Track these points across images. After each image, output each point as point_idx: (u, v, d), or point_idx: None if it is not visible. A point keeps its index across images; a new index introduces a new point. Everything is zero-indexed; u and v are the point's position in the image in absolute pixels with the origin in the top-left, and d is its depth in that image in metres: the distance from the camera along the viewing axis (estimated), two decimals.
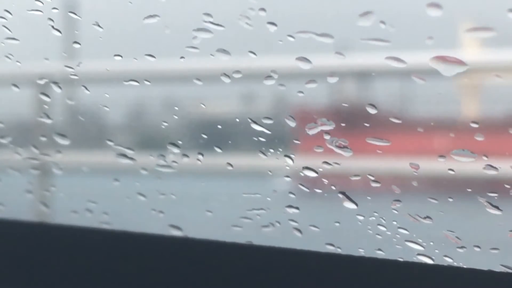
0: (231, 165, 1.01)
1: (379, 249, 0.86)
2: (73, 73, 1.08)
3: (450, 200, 0.89)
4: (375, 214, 0.89)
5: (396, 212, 0.87)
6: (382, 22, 0.81)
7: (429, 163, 0.87)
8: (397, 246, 0.86)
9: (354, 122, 0.96)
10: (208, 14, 0.93)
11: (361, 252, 0.84)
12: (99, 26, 1.02)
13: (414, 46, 0.89)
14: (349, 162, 0.89)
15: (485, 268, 0.77)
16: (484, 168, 0.82)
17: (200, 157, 1.00)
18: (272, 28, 0.89)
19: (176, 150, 1.02)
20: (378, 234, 0.89)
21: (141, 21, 0.98)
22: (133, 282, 0.95)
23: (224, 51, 0.93)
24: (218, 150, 1.00)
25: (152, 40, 1.02)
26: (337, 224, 0.92)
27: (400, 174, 0.92)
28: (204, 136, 1.06)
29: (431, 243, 0.85)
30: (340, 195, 0.88)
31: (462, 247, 0.84)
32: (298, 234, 0.92)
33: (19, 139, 1.27)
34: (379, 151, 0.88)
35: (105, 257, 0.97)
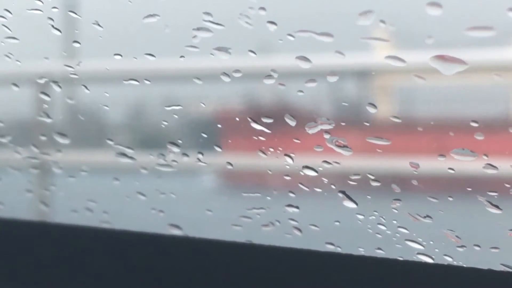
0: (231, 164, 1.01)
1: (379, 248, 0.86)
2: (73, 72, 1.08)
3: (450, 199, 0.89)
4: (375, 213, 0.89)
5: (396, 211, 0.87)
6: (382, 21, 0.81)
7: (429, 162, 0.87)
8: (397, 245, 0.86)
9: (354, 121, 0.96)
10: (208, 13, 0.93)
11: (361, 251, 0.85)
12: (99, 25, 1.02)
13: (414, 45, 0.89)
14: (349, 161, 0.89)
15: (485, 267, 0.77)
16: (484, 167, 0.82)
17: (200, 156, 1.00)
18: (272, 27, 0.89)
19: (176, 149, 1.02)
20: (378, 233, 0.89)
21: (141, 20, 0.98)
22: (133, 281, 0.95)
23: (224, 50, 0.93)
24: (218, 149, 1.00)
25: (152, 39, 1.02)
26: (337, 223, 0.92)
27: (400, 173, 0.92)
28: (204, 135, 1.06)
29: (431, 242, 0.85)
30: (340, 194, 0.89)
31: (462, 246, 0.84)
32: (298, 233, 0.92)
33: (19, 138, 1.27)
34: (379, 150, 0.88)
35: (105, 256, 0.97)
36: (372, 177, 0.90)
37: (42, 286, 1.00)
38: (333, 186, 0.91)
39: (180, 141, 1.01)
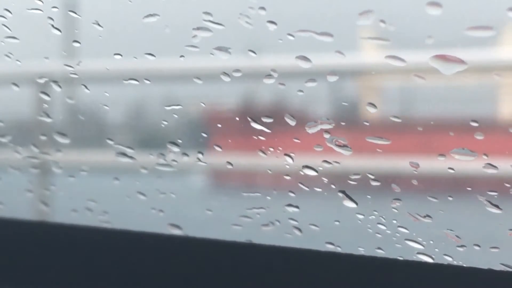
0: (231, 164, 1.01)
1: (379, 248, 0.86)
2: (73, 72, 1.08)
3: (450, 198, 0.89)
4: (375, 213, 0.89)
5: (396, 211, 0.87)
6: (382, 21, 0.81)
7: (429, 162, 0.87)
8: (397, 245, 0.86)
9: (354, 121, 0.96)
10: (208, 13, 0.93)
11: (361, 251, 0.85)
12: (99, 25, 1.02)
13: (414, 45, 0.89)
14: (349, 161, 0.89)
15: (485, 267, 0.77)
16: (484, 167, 0.82)
17: (200, 156, 1.00)
18: (272, 27, 0.89)
19: (176, 149, 1.02)
20: (378, 233, 0.89)
21: (141, 20, 0.98)
22: (133, 281, 0.95)
23: (224, 50, 0.93)
24: (218, 149, 1.00)
25: (152, 39, 1.02)
26: (337, 223, 0.92)
27: (400, 173, 0.92)
28: (204, 135, 1.06)
29: (431, 242, 0.85)
30: (340, 194, 0.89)
31: (462, 246, 0.84)
32: (298, 233, 0.92)
33: (19, 138, 1.27)
34: (379, 150, 0.88)
35: (105, 256, 0.97)
36: (372, 177, 0.90)
37: (42, 286, 1.00)
38: (333, 186, 0.91)
39: (180, 141, 1.01)
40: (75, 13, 1.06)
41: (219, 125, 1.03)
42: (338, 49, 0.86)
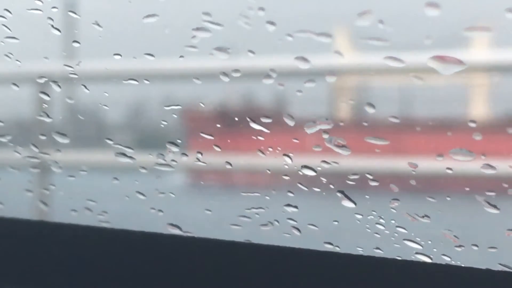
0: (230, 164, 1.01)
1: (378, 248, 0.86)
2: (72, 72, 1.08)
3: (448, 199, 0.89)
4: (374, 213, 0.89)
5: (394, 211, 0.87)
6: (381, 21, 0.81)
7: (427, 162, 0.87)
8: (396, 245, 0.87)
9: (352, 121, 0.96)
10: (207, 14, 0.93)
11: (360, 250, 0.85)
12: (98, 25, 1.02)
13: (412, 45, 0.89)
14: (348, 161, 0.89)
15: (483, 267, 0.77)
16: (482, 167, 0.82)
17: (199, 156, 1.00)
18: (271, 28, 0.89)
19: (175, 149, 1.02)
20: (377, 233, 0.89)
21: (141, 20, 0.98)
22: (132, 280, 0.95)
23: (223, 50, 0.93)
24: (217, 149, 1.01)
25: (151, 39, 1.02)
26: (336, 223, 0.92)
27: (398, 173, 0.92)
28: (203, 135, 1.07)
29: (429, 242, 0.85)
30: (339, 194, 0.89)
31: (460, 246, 0.84)
32: (296, 232, 0.92)
33: (19, 138, 1.27)
34: (377, 150, 0.88)
35: (104, 256, 0.98)
36: (371, 177, 0.90)
37: (42, 286, 1.00)
38: (331, 186, 0.91)
39: (179, 141, 1.02)
40: (75, 13, 1.06)
41: (218, 125, 1.03)
42: (337, 50, 0.86)
